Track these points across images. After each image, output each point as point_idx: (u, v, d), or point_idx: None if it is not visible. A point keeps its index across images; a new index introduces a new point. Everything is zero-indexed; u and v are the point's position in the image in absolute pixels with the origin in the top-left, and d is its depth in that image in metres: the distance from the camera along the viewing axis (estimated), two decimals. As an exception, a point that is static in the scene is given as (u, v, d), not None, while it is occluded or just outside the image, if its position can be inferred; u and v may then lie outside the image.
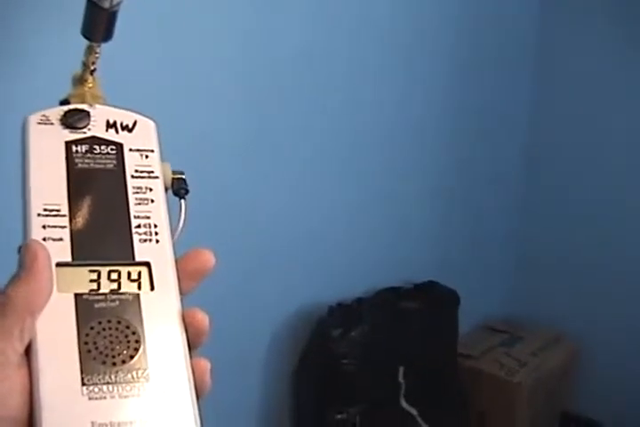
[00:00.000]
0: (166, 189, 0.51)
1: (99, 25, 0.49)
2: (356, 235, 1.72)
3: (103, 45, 0.51)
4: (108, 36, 0.50)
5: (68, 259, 0.45)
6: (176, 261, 0.48)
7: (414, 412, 1.69)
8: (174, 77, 1.29)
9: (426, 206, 1.86)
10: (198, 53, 1.32)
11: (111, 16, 0.49)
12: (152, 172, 0.50)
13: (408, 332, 1.69)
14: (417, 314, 1.73)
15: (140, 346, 0.44)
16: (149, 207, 0.49)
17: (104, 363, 0.43)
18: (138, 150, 0.51)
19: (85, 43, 0.50)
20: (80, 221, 0.47)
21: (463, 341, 1.88)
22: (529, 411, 1.86)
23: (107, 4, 0.48)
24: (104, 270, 0.46)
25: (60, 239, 0.46)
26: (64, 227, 0.46)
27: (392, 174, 1.76)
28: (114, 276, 0.46)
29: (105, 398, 0.42)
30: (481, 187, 1.99)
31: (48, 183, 0.48)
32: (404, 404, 1.69)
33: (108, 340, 0.43)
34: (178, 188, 0.53)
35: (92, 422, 0.41)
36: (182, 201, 0.53)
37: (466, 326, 1.89)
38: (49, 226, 0.46)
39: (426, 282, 1.80)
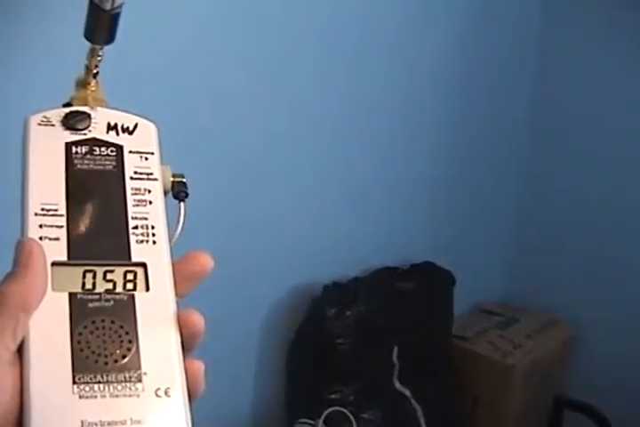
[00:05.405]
0: (166, 192, 0.51)
1: (100, 27, 0.49)
2: (354, 215, 1.73)
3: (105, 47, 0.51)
4: (110, 38, 0.50)
5: (64, 258, 0.46)
6: (174, 263, 0.48)
7: (407, 392, 1.70)
8: (172, 79, 1.30)
9: (423, 188, 1.87)
10: (199, 52, 1.34)
11: (113, 18, 0.49)
12: (151, 174, 0.51)
13: (403, 312, 1.70)
14: (413, 294, 1.74)
15: (132, 346, 0.44)
16: (147, 209, 0.49)
17: (96, 362, 0.43)
18: (138, 152, 0.51)
19: (88, 45, 0.50)
20: (77, 221, 0.47)
21: (458, 323, 1.89)
22: (522, 393, 1.88)
23: (108, 6, 0.47)
24: (100, 270, 0.46)
25: (57, 239, 0.46)
26: (61, 226, 0.46)
27: (390, 157, 1.77)
28: (109, 276, 0.46)
29: (96, 397, 0.42)
30: (480, 170, 1.99)
31: (47, 183, 0.48)
32: (397, 384, 1.70)
33: (101, 339, 0.44)
34: (178, 191, 0.52)
35: (82, 421, 0.41)
36: (182, 204, 0.53)
37: (461, 309, 1.91)
38: (46, 225, 0.46)
39: (422, 263, 1.81)
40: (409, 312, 1.71)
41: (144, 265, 0.47)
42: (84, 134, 0.50)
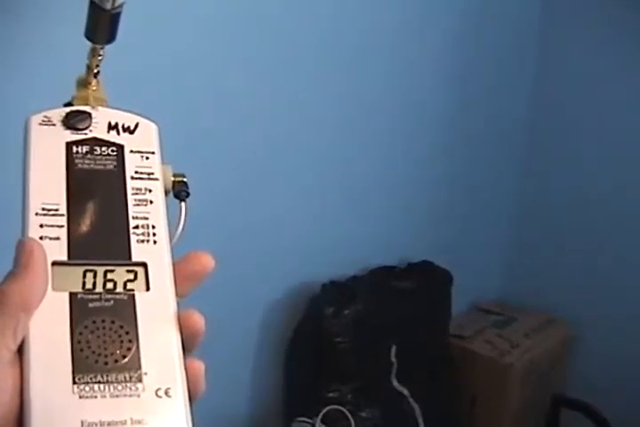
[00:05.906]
0: (167, 192, 0.51)
1: (101, 27, 0.49)
2: (354, 215, 1.73)
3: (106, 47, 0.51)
4: (111, 37, 0.50)
5: (65, 258, 0.46)
6: (174, 263, 0.48)
7: (405, 391, 1.70)
8: (173, 79, 1.30)
9: (423, 188, 1.87)
10: (200, 52, 1.34)
11: (113, 17, 0.49)
12: (152, 173, 0.50)
13: (401, 311, 1.70)
14: (411, 293, 1.74)
15: (133, 346, 0.44)
16: (148, 208, 0.49)
17: (96, 362, 0.43)
18: (139, 152, 0.51)
19: (88, 45, 0.50)
20: (78, 220, 0.47)
21: (456, 321, 1.89)
22: (520, 392, 1.88)
23: (108, 6, 0.47)
24: (100, 270, 0.46)
25: (57, 238, 0.46)
26: (61, 226, 0.46)
27: (390, 157, 1.77)
28: (110, 275, 0.46)
29: (96, 397, 0.42)
30: (480, 170, 1.99)
31: (47, 183, 0.48)
32: (395, 383, 1.70)
33: (101, 339, 0.44)
34: (178, 190, 0.52)
35: (82, 421, 0.41)
36: (183, 204, 0.53)
37: (459, 308, 1.91)
38: (46, 225, 0.46)
39: (420, 262, 1.81)
40: (407, 311, 1.71)
41: (144, 265, 0.47)
42: (85, 134, 0.50)
